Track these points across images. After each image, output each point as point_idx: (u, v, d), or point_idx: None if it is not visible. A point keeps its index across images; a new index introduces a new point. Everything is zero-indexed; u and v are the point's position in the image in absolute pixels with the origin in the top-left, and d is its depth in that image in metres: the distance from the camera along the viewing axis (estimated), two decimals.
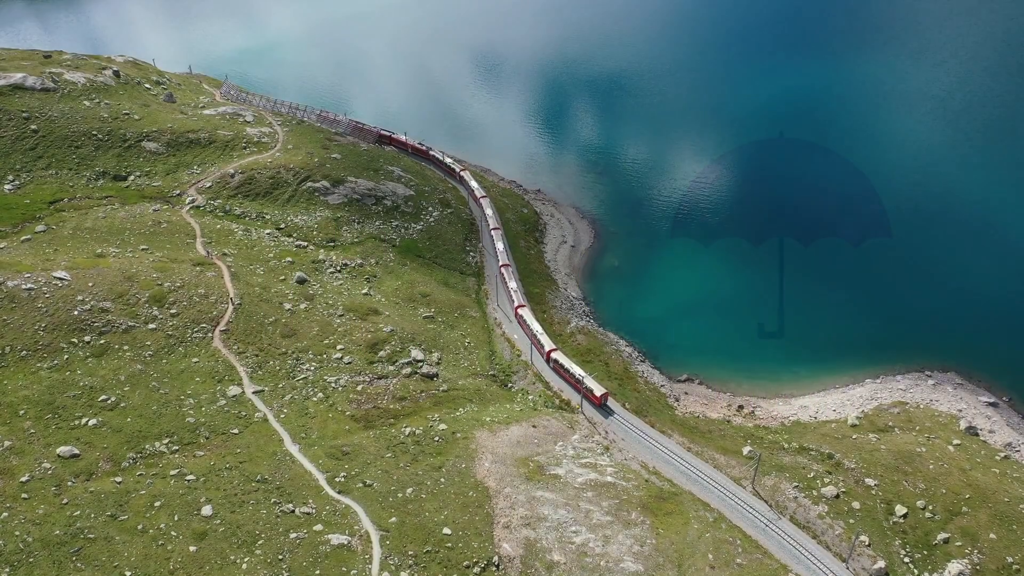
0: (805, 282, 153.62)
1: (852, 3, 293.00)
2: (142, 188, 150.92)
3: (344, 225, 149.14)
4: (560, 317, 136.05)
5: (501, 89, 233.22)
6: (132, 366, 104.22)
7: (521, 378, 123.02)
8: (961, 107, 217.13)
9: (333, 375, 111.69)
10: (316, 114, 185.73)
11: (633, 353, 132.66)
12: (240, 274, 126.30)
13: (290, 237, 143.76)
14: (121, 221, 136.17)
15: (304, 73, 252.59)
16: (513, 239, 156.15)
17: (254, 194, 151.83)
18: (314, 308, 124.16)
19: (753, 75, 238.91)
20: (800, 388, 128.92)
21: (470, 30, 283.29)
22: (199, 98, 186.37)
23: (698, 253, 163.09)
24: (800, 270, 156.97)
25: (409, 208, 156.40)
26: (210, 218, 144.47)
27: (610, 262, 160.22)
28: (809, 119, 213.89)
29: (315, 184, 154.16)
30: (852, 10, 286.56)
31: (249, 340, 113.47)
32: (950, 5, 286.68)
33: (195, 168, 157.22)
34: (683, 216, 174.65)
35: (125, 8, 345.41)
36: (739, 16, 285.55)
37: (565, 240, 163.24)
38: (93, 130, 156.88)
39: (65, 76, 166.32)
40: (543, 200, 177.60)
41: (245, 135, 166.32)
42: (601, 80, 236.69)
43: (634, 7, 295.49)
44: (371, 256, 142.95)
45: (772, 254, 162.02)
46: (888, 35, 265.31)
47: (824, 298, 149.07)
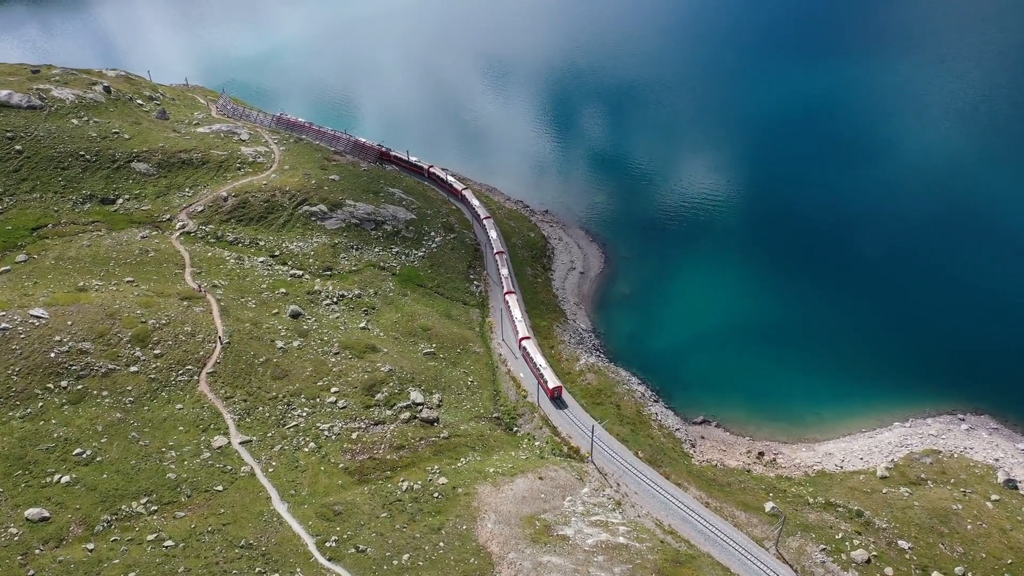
0: (825, 311, 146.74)
1: (870, 9, 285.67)
2: (130, 212, 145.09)
3: (342, 252, 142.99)
4: (569, 353, 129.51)
5: (508, 104, 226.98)
6: (111, 414, 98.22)
7: (527, 421, 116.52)
8: (987, 120, 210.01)
9: (326, 422, 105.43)
10: (315, 130, 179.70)
11: (646, 392, 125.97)
12: (230, 308, 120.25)
13: (285, 265, 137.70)
14: (106, 250, 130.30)
15: (306, 82, 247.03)
16: (519, 266, 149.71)
17: (248, 219, 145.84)
18: (308, 345, 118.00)
19: (769, 85, 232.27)
20: (824, 432, 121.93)
21: (476, 38, 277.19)
22: (193, 114, 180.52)
23: (713, 279, 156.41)
24: (820, 297, 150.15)
25: (410, 233, 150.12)
26: (201, 245, 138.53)
27: (621, 290, 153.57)
28: (831, 131, 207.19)
29: (312, 208, 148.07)
30: (871, 16, 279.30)
31: (237, 383, 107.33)
32: (974, 11, 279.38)
33: (187, 190, 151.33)
34: (697, 239, 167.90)
35: (126, 11, 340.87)
36: (753, 24, 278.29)
37: (574, 266, 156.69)
38: (81, 150, 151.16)
39: (53, 93, 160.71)
40: (551, 222, 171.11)
41: (240, 155, 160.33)
42: (612, 94, 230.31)
43: (645, 16, 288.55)
44: (369, 286, 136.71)
45: (790, 280, 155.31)
46: (910, 42, 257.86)
47: (847, 329, 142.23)
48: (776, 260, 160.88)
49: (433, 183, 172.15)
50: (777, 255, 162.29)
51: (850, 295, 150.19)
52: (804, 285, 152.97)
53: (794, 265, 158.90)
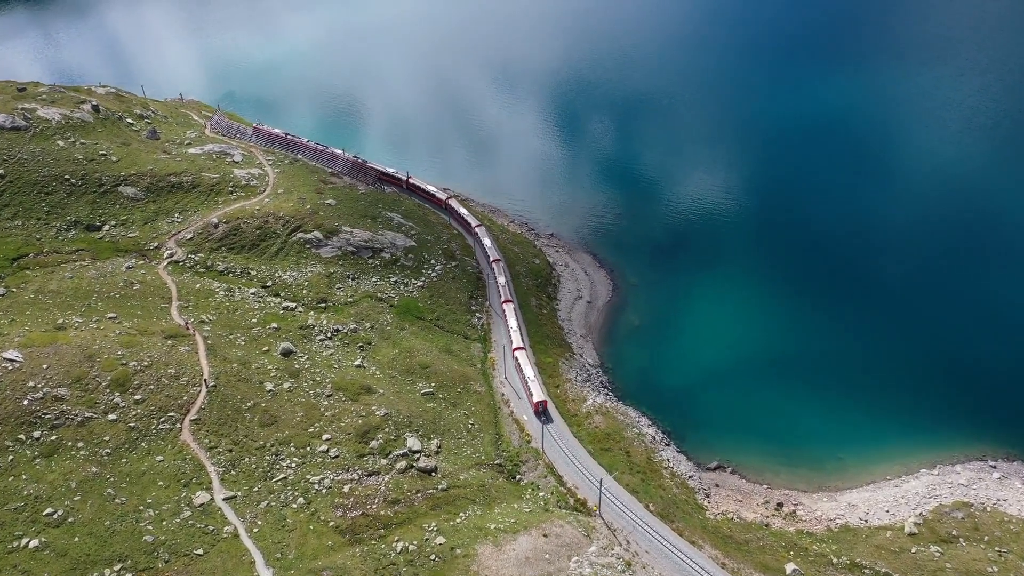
0: (846, 341, 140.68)
1: (887, 20, 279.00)
2: (117, 240, 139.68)
3: (337, 282, 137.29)
4: (575, 393, 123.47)
5: (513, 120, 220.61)
6: (86, 469, 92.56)
7: (531, 469, 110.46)
8: (1011, 135, 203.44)
9: (317, 473, 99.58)
10: (312, 149, 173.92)
11: (657, 435, 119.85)
12: (217, 347, 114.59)
13: (277, 297, 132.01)
14: (89, 282, 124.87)
15: (305, 95, 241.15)
16: (523, 296, 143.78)
17: (239, 247, 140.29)
18: (299, 387, 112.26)
19: (785, 99, 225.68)
20: (846, 479, 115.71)
21: (482, 51, 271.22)
22: (186, 133, 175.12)
23: (726, 307, 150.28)
24: (840, 326, 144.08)
25: (409, 261, 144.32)
26: (189, 275, 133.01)
27: (630, 320, 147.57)
28: (849, 147, 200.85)
29: (306, 235, 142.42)
30: (888, 27, 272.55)
31: (223, 431, 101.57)
32: (995, 22, 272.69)
33: (176, 216, 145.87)
34: (709, 263, 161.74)
35: (129, 17, 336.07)
36: (768, 35, 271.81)
37: (580, 295, 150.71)
38: (66, 174, 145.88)
39: (39, 112, 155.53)
40: (557, 246, 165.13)
41: (232, 177, 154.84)
42: (621, 108, 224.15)
43: (655, 26, 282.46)
44: (366, 319, 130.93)
45: (808, 307, 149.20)
46: (929, 53, 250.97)
47: (868, 362, 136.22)
48: (793, 285, 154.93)
49: (436, 207, 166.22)
50: (794, 280, 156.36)
51: (872, 324, 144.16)
52: (823, 313, 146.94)
53: (812, 290, 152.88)
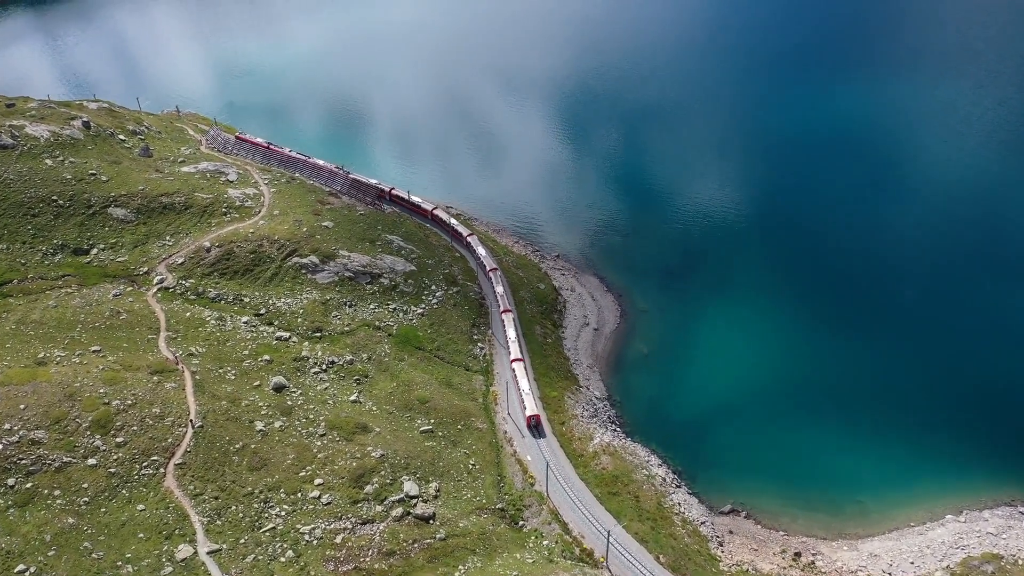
0: (866, 373, 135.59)
1: (903, 30, 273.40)
2: (105, 264, 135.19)
3: (334, 310, 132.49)
4: (581, 430, 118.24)
5: (518, 135, 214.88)
6: (62, 519, 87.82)
7: (534, 514, 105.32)
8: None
9: (308, 522, 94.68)
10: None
11: (667, 476, 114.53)
12: (206, 382, 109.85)
13: (270, 326, 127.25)
14: (74, 311, 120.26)
15: (307, 103, 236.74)
16: (528, 324, 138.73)
17: (232, 272, 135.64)
18: (291, 426, 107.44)
19: (799, 113, 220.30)
20: (868, 525, 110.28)
21: (487, 61, 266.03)
22: (180, 149, 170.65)
23: (739, 335, 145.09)
24: (860, 356, 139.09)
25: (409, 287, 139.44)
26: (179, 303, 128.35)
27: (638, 349, 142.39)
28: (866, 163, 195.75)
29: (302, 260, 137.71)
30: (904, 38, 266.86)
31: (209, 476, 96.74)
32: (1015, 32, 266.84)
33: (167, 239, 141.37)
34: (721, 287, 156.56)
35: (131, 21, 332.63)
36: (782, 45, 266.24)
37: (587, 322, 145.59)
38: (53, 195, 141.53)
39: (27, 130, 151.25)
40: (563, 269, 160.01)
41: (226, 198, 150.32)
42: (629, 123, 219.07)
43: (665, 37, 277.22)
44: (363, 349, 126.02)
45: (827, 335, 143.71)
46: (946, 65, 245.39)
47: (889, 395, 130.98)
48: (810, 310, 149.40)
49: (436, 226, 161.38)
50: (812, 304, 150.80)
51: (893, 352, 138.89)
52: (842, 340, 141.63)
53: (830, 316, 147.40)
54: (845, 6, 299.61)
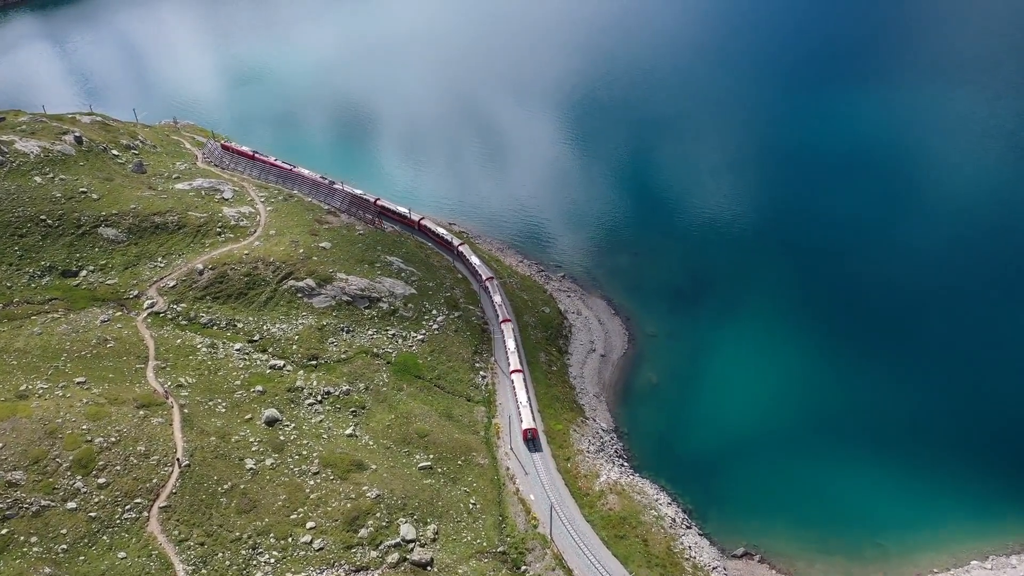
0: (885, 403, 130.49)
1: (919, 39, 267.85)
2: (94, 287, 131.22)
3: (330, 336, 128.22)
4: (587, 467, 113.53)
5: (523, 149, 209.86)
6: (38, 569, 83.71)
7: (537, 559, 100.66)
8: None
9: (298, 569, 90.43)
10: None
11: (677, 516, 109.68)
12: (195, 416, 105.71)
13: (264, 353, 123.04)
14: (60, 339, 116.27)
15: (307, 113, 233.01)
16: (532, 351, 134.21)
17: (225, 295, 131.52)
18: (283, 463, 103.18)
19: (815, 124, 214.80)
20: (888, 570, 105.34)
21: (491, 72, 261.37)
22: (175, 164, 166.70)
23: (752, 362, 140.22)
24: (878, 384, 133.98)
25: (409, 312, 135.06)
26: (170, 329, 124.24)
27: (647, 377, 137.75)
28: (884, 176, 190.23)
29: (298, 283, 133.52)
30: (921, 47, 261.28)
31: (195, 520, 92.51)
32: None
33: (159, 260, 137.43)
34: (733, 311, 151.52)
35: (135, 24, 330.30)
36: (796, 54, 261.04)
37: (594, 348, 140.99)
38: (42, 214, 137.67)
39: (16, 145, 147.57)
40: (569, 291, 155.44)
41: (221, 217, 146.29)
42: (639, 136, 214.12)
43: (676, 47, 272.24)
44: (360, 379, 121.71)
45: (844, 363, 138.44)
46: (964, 74, 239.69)
47: (910, 426, 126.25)
48: (828, 337, 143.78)
49: (438, 245, 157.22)
50: (830, 331, 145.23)
51: (916, 383, 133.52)
52: (862, 370, 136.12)
53: (850, 344, 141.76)
54: (860, 15, 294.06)
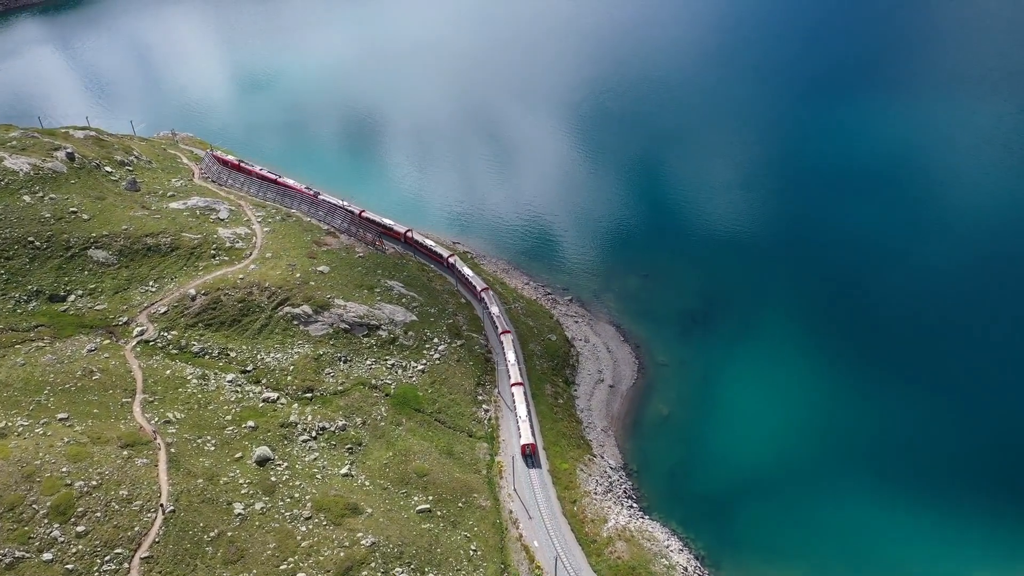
0: (920, 439, 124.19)
1: (943, 50, 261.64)
2: (82, 313, 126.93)
3: (327, 366, 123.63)
4: (595, 511, 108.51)
5: (529, 170, 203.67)
6: None
7: None
8: None
9: None
10: (310, 196, 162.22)
11: (689, 566, 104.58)
12: (182, 456, 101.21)
13: (257, 385, 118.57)
14: (43, 371, 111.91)
15: (311, 123, 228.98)
16: (537, 383, 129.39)
17: (218, 322, 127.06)
18: (274, 507, 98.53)
19: (835, 137, 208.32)
20: None
21: (497, 82, 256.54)
22: (170, 181, 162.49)
23: (771, 396, 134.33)
24: (913, 418, 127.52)
25: (409, 340, 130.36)
26: (160, 358, 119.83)
27: (657, 408, 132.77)
28: (906, 191, 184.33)
29: (294, 309, 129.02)
30: (944, 58, 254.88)
31: (179, 572, 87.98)
32: None
33: (151, 284, 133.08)
34: (750, 339, 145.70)
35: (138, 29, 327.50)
36: (816, 64, 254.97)
37: (602, 378, 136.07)
38: (30, 235, 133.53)
39: (5, 163, 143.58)
40: (576, 316, 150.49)
41: (216, 239, 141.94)
42: (649, 152, 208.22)
43: (690, 57, 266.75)
44: (357, 413, 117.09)
45: (875, 395, 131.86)
46: (988, 86, 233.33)
47: (948, 465, 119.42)
48: (853, 367, 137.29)
49: (439, 265, 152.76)
50: (854, 360, 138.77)
51: (951, 416, 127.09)
52: (891, 402, 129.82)
53: (877, 374, 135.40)
54: (881, 23, 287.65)
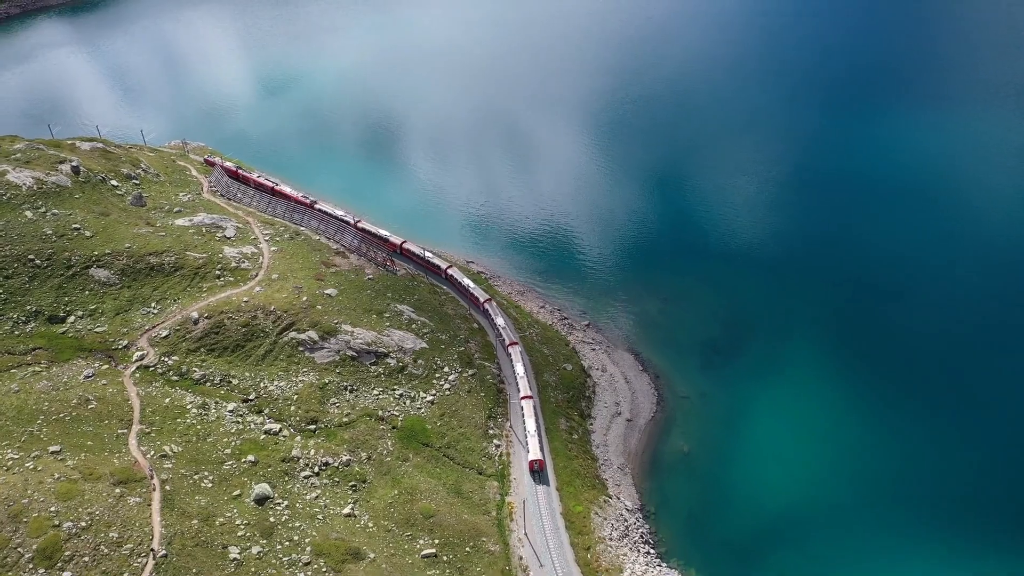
0: (965, 480, 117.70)
1: (979, 57, 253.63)
2: (81, 335, 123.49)
3: (332, 395, 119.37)
4: (609, 558, 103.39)
5: (544, 184, 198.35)
6: None
7: None
8: None
9: None
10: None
11: None
12: (177, 495, 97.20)
13: (259, 415, 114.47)
14: (37, 398, 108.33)
15: (323, 130, 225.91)
16: (551, 417, 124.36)
17: (221, 348, 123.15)
18: (271, 551, 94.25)
19: (866, 152, 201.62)
20: None
21: (513, 92, 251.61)
22: (178, 195, 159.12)
23: (798, 431, 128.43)
24: (960, 457, 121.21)
25: (419, 369, 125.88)
26: (159, 385, 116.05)
27: (677, 445, 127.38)
28: (945, 204, 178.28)
29: (300, 335, 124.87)
30: (980, 66, 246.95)
31: None
32: None
33: (153, 306, 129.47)
34: (778, 369, 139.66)
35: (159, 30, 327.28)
36: (844, 72, 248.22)
37: (619, 411, 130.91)
38: (30, 253, 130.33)
39: (8, 176, 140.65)
40: (594, 343, 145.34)
41: (221, 258, 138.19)
42: (671, 167, 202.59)
43: (712, 66, 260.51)
44: (362, 447, 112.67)
45: (916, 431, 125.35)
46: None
47: (995, 512, 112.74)
48: (891, 400, 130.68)
49: (453, 288, 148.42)
50: (892, 392, 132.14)
51: (996, 447, 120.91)
52: (933, 439, 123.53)
53: (918, 407, 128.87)
54: (912, 31, 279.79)
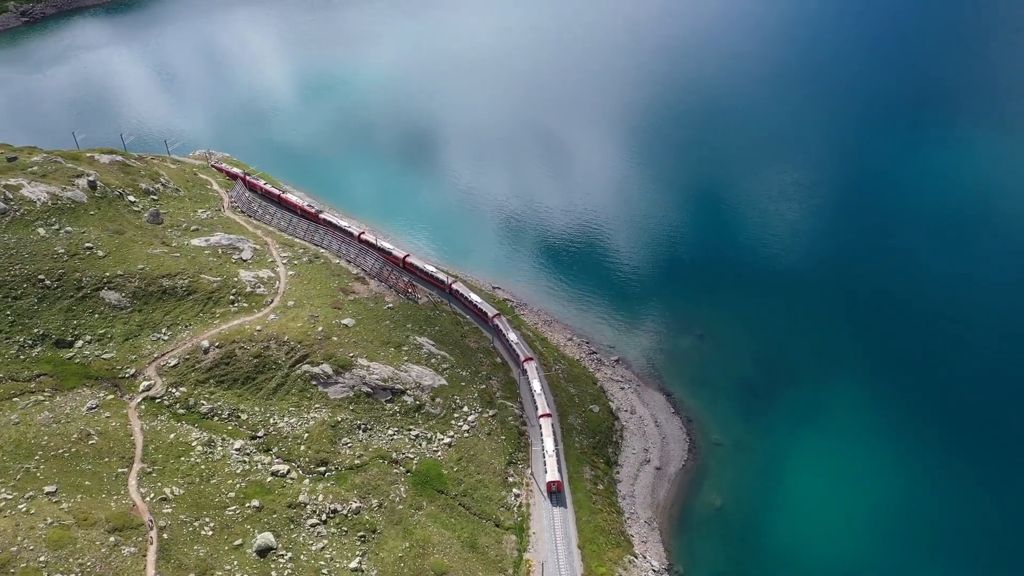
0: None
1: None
2: (88, 361, 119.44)
3: (344, 435, 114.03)
4: None
5: (573, 207, 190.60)
6: None
7: None
8: None
9: None
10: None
11: None
12: (174, 544, 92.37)
13: (267, 454, 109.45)
14: (37, 432, 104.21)
15: (358, 144, 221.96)
16: (575, 465, 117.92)
17: (231, 379, 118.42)
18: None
19: (931, 171, 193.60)
20: None
21: (542, 107, 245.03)
22: (196, 212, 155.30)
23: (842, 484, 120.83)
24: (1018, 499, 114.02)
25: (436, 408, 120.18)
26: (165, 419, 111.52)
27: (709, 498, 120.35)
28: (1013, 227, 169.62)
29: (313, 368, 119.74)
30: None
31: None
32: None
33: (163, 332, 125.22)
34: (820, 415, 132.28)
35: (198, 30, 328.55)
36: (896, 88, 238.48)
37: (648, 458, 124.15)
38: (41, 273, 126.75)
39: (23, 191, 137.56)
40: (623, 381, 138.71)
41: (236, 282, 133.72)
42: (706, 188, 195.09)
43: (755, 83, 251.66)
44: (374, 493, 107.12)
45: (973, 486, 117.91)
46: None
47: None
48: (944, 447, 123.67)
49: (473, 315, 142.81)
50: (945, 437, 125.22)
51: None
52: (989, 488, 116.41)
53: (971, 453, 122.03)
54: (967, 50, 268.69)
